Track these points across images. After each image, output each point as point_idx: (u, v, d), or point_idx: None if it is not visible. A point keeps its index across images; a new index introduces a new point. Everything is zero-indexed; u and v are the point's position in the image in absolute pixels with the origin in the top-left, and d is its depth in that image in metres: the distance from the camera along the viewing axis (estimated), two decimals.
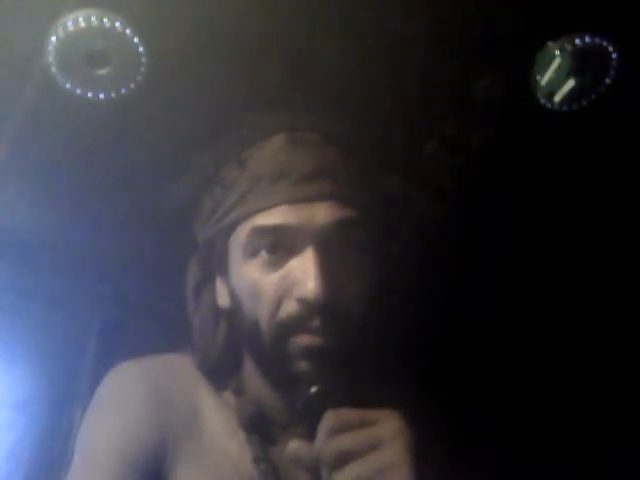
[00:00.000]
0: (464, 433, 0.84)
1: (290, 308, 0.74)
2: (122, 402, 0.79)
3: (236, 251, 0.79)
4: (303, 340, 0.73)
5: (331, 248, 0.75)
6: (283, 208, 0.75)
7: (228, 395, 0.83)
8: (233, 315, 0.81)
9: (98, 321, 1.36)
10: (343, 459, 0.62)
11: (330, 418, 0.64)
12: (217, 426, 0.80)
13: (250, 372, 0.82)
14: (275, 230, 0.75)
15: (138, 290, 1.33)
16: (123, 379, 0.82)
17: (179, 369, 0.84)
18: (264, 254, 0.76)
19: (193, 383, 0.83)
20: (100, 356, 1.34)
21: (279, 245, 0.75)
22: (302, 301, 0.73)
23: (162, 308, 1.29)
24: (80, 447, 0.79)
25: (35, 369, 1.33)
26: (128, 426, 0.77)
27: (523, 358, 1.30)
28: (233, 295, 0.80)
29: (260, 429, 0.80)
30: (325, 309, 0.72)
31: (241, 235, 0.78)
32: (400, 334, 0.99)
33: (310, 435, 0.66)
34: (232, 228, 0.79)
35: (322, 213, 0.75)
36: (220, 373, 0.84)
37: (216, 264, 0.83)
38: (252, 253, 0.77)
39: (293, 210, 0.75)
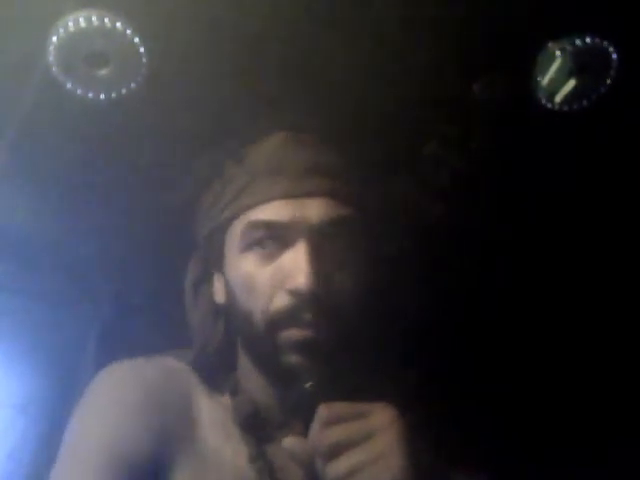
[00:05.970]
0: (462, 429, 0.84)
1: (282, 300, 0.75)
2: (115, 402, 0.79)
3: (232, 245, 0.81)
4: (294, 333, 0.74)
5: (323, 244, 0.77)
6: (278, 203, 0.77)
7: (223, 398, 0.84)
8: (229, 310, 0.82)
9: (99, 321, 1.36)
10: (336, 450, 0.63)
11: (323, 411, 0.65)
12: (213, 428, 0.80)
13: (245, 369, 0.83)
14: (269, 225, 0.77)
15: (139, 291, 1.33)
16: (116, 379, 0.82)
17: (173, 371, 0.84)
18: (258, 248, 0.78)
19: (188, 385, 0.83)
20: (101, 356, 1.34)
21: (273, 239, 0.77)
22: (293, 293, 0.74)
23: (163, 309, 1.29)
24: (69, 443, 0.78)
25: (35, 369, 1.33)
26: (121, 426, 0.77)
27: (522, 357, 1.30)
28: (229, 289, 0.81)
29: (256, 428, 0.80)
30: (315, 301, 0.73)
31: (237, 229, 0.80)
32: (398, 331, 0.99)
33: (305, 433, 0.67)
34: (229, 222, 0.81)
35: (315, 209, 0.77)
36: (215, 372, 0.85)
37: (213, 259, 0.84)
38: (247, 246, 0.78)
39: (287, 205, 0.77)
